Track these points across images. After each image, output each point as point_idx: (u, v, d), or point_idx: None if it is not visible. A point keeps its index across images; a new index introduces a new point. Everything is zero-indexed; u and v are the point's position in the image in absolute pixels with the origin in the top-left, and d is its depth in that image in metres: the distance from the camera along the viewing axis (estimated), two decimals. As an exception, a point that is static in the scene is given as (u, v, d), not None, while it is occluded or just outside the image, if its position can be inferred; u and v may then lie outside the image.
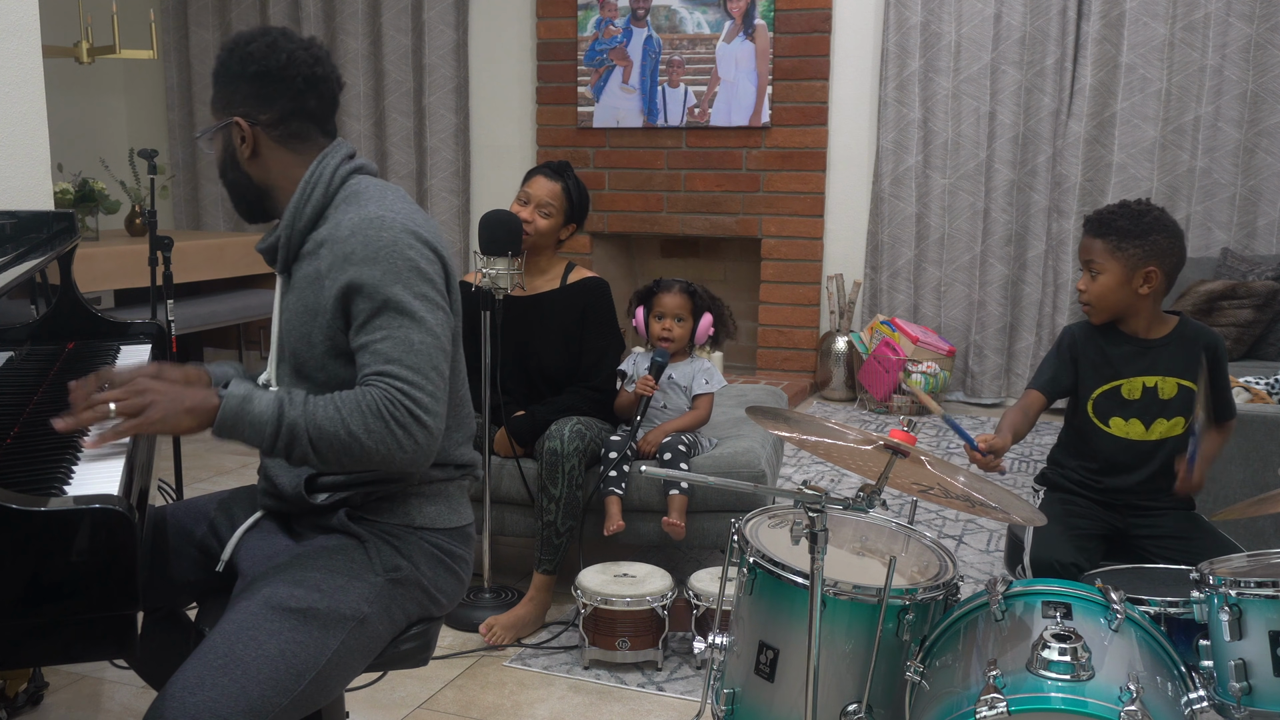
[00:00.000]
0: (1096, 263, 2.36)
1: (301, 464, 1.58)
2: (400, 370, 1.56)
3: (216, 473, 4.26)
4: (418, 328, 1.59)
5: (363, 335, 1.60)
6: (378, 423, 1.53)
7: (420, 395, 1.56)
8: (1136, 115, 5.07)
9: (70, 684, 2.56)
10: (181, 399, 1.51)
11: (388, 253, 1.60)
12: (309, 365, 1.69)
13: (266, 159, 1.74)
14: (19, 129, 2.65)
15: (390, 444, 1.54)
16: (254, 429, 1.52)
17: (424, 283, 1.62)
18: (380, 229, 1.62)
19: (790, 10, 5.48)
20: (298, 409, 1.53)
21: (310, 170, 1.72)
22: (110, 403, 1.49)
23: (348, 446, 1.53)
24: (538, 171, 3.04)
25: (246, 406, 1.52)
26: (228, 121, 1.73)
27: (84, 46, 4.88)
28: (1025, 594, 1.75)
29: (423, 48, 6.08)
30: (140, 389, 1.51)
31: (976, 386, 5.49)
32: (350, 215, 1.66)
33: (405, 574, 1.69)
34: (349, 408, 1.53)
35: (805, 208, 5.64)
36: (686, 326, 3.01)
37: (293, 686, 1.51)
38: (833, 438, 1.71)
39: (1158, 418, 2.37)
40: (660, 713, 2.48)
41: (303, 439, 1.52)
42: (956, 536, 3.63)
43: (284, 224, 1.72)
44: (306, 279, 1.69)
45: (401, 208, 1.68)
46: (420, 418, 1.55)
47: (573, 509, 2.83)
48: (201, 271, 5.04)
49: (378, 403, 1.54)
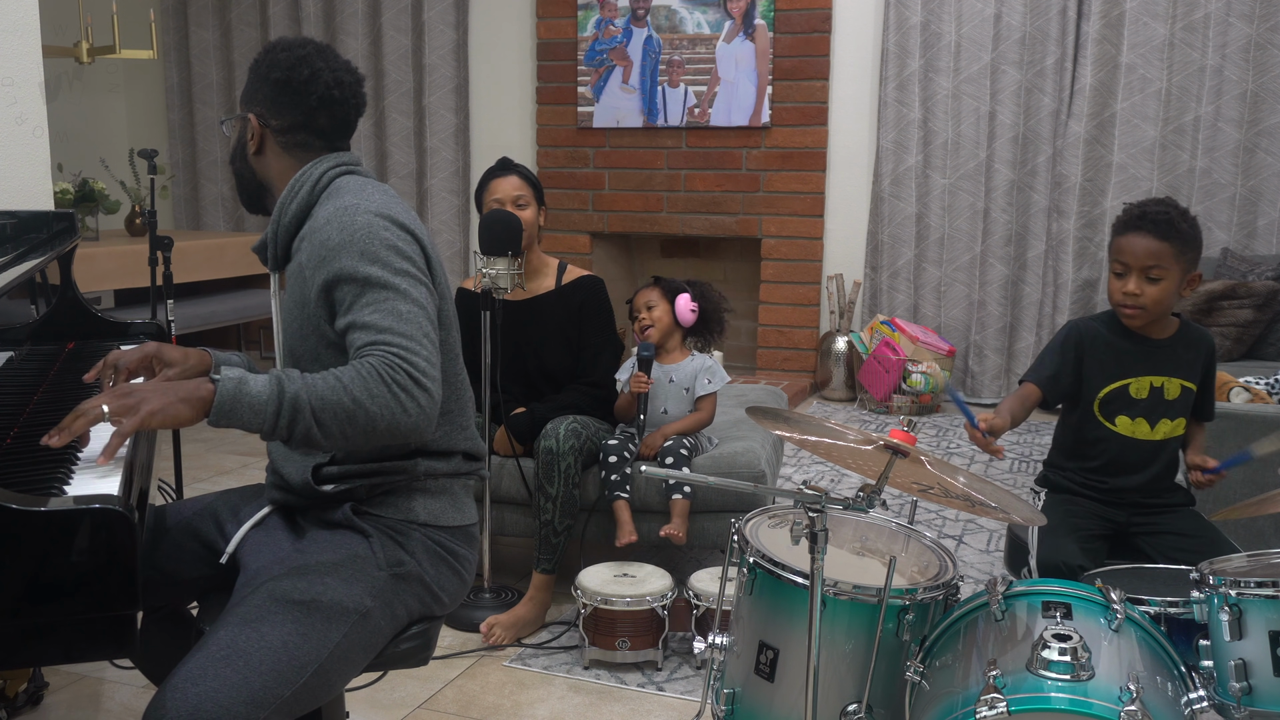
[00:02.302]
0: (1160, 267, 2.25)
1: (303, 444, 1.52)
2: (393, 337, 1.56)
3: (216, 473, 4.26)
4: (403, 299, 1.61)
5: (349, 315, 1.61)
6: (380, 387, 1.51)
7: (416, 360, 1.56)
8: (1136, 115, 5.08)
9: (70, 684, 2.56)
10: (175, 390, 1.47)
11: (362, 235, 1.63)
12: (305, 359, 1.72)
13: (269, 159, 1.83)
14: (19, 129, 2.65)
15: (395, 407, 1.52)
16: (253, 410, 1.47)
17: (402, 259, 1.64)
18: (354, 214, 1.66)
19: (790, 10, 5.49)
20: (297, 383, 1.49)
21: (300, 172, 1.78)
22: (103, 405, 1.44)
23: (352, 414, 1.50)
24: (490, 177, 3.06)
25: (243, 389, 1.47)
26: (243, 115, 1.84)
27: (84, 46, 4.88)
28: (1025, 594, 1.74)
29: (423, 48, 6.08)
30: (127, 391, 1.47)
31: (976, 386, 5.49)
32: (328, 208, 1.71)
33: (408, 569, 1.69)
34: (349, 376, 1.52)
35: (805, 208, 5.64)
36: (662, 308, 2.99)
37: (295, 678, 1.51)
38: (833, 438, 1.71)
39: (1163, 418, 2.37)
40: (660, 713, 2.48)
41: (305, 412, 1.48)
42: (956, 536, 3.63)
43: (272, 221, 1.79)
44: (295, 273, 1.74)
45: (378, 198, 1.71)
46: (420, 380, 1.55)
47: (570, 508, 2.83)
48: (201, 271, 5.04)
49: (377, 369, 1.53)
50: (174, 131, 6.60)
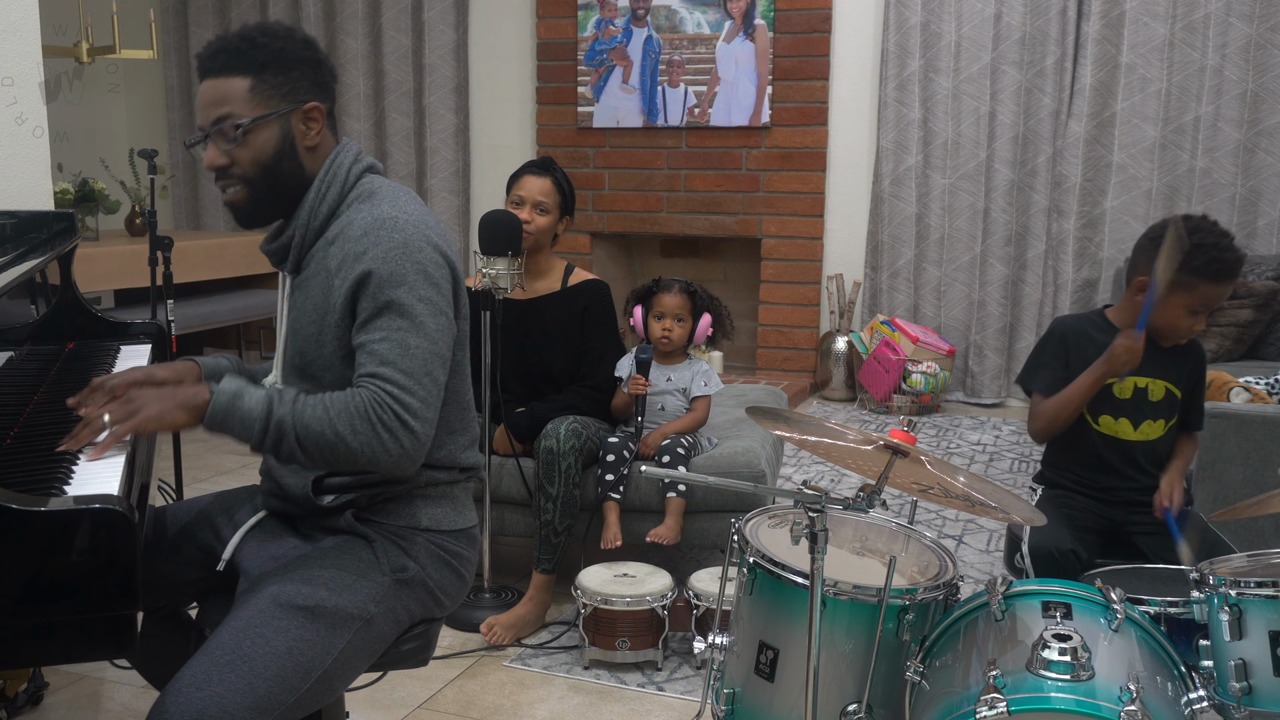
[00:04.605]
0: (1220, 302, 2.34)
1: (290, 461, 1.60)
2: (393, 374, 1.57)
3: (216, 473, 4.26)
4: (416, 332, 1.60)
5: (362, 334, 1.61)
6: (364, 425, 1.54)
7: (410, 400, 1.57)
8: (1136, 115, 5.08)
9: (70, 684, 2.56)
10: (173, 395, 1.54)
11: (398, 254, 1.61)
12: (316, 365, 1.69)
13: (321, 149, 1.71)
14: (19, 129, 2.65)
15: (375, 447, 1.55)
16: (243, 425, 1.54)
17: (430, 287, 1.62)
18: (393, 230, 1.62)
19: (790, 10, 5.48)
20: (286, 407, 1.55)
21: (324, 169, 1.71)
22: (104, 414, 1.51)
23: (333, 446, 1.55)
24: (524, 171, 3.05)
25: (237, 403, 1.53)
26: (292, 107, 1.66)
27: (84, 46, 4.88)
28: (1025, 594, 1.74)
29: (423, 48, 6.08)
30: (128, 398, 1.54)
31: (976, 386, 5.49)
32: (363, 215, 1.66)
33: (412, 575, 1.69)
34: (336, 409, 1.55)
35: (805, 208, 5.64)
36: (686, 327, 3.01)
37: (298, 684, 1.51)
38: (833, 438, 1.71)
39: (1145, 419, 2.40)
40: (660, 713, 2.48)
41: (289, 437, 1.54)
42: (956, 536, 3.63)
43: (299, 223, 1.70)
44: (316, 278, 1.69)
45: (414, 210, 1.68)
46: (408, 422, 1.56)
47: (570, 508, 2.83)
48: (201, 271, 5.04)
49: (366, 405, 1.55)
50: (174, 131, 6.60)
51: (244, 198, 1.69)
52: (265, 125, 1.65)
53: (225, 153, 1.65)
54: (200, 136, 1.67)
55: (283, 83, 1.65)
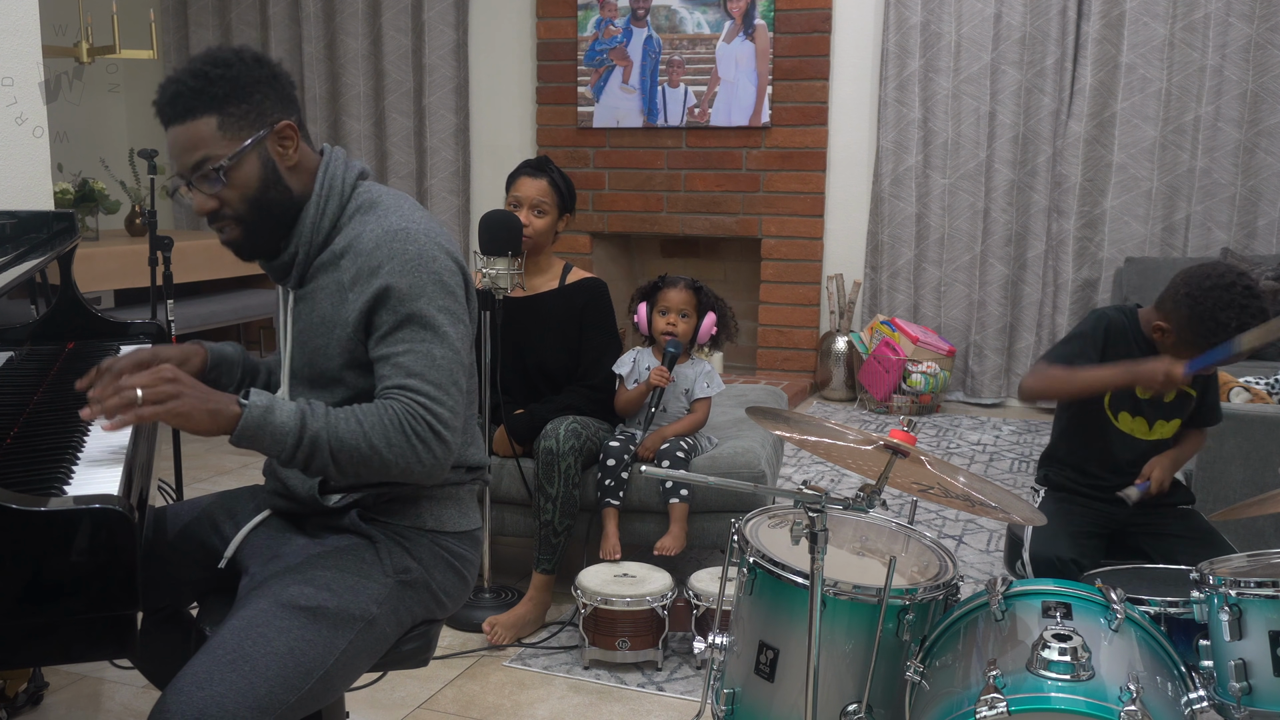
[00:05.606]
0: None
1: (318, 475, 1.61)
2: (422, 385, 1.58)
3: (216, 473, 4.26)
4: (440, 342, 1.60)
5: (384, 346, 1.61)
6: (399, 436, 1.55)
7: (441, 410, 1.58)
8: (1136, 115, 5.08)
9: (70, 684, 2.56)
10: (206, 399, 1.51)
11: (414, 266, 1.61)
12: (325, 377, 1.69)
13: (303, 165, 1.68)
14: (19, 129, 2.65)
15: (410, 458, 1.56)
16: (275, 440, 1.52)
17: (447, 296, 1.63)
18: (406, 242, 1.62)
19: (790, 10, 5.48)
20: (320, 421, 1.54)
21: (319, 184, 1.68)
22: (137, 389, 1.47)
23: (367, 459, 1.55)
24: (520, 172, 3.05)
25: (269, 417, 1.51)
26: (264, 132, 1.62)
27: (84, 46, 4.87)
28: (1025, 594, 1.75)
29: (423, 48, 6.08)
30: (170, 377, 1.50)
31: (976, 386, 5.49)
32: (371, 227, 1.65)
33: (415, 576, 1.69)
34: (370, 421, 1.55)
35: (805, 208, 5.64)
36: (690, 323, 3.01)
37: (300, 685, 1.51)
38: (833, 438, 1.71)
39: (1159, 419, 2.40)
40: (660, 713, 2.48)
41: (324, 451, 1.53)
42: (956, 536, 3.63)
43: (301, 240, 1.68)
44: (325, 291, 1.67)
45: (420, 218, 1.68)
46: (440, 432, 1.58)
47: (570, 508, 2.83)
48: (201, 271, 5.03)
49: (400, 417, 1.55)
50: (174, 131, 6.59)
51: (240, 235, 1.67)
52: (245, 158, 1.61)
53: (213, 196, 1.63)
54: (180, 183, 1.64)
55: (248, 110, 1.61)
